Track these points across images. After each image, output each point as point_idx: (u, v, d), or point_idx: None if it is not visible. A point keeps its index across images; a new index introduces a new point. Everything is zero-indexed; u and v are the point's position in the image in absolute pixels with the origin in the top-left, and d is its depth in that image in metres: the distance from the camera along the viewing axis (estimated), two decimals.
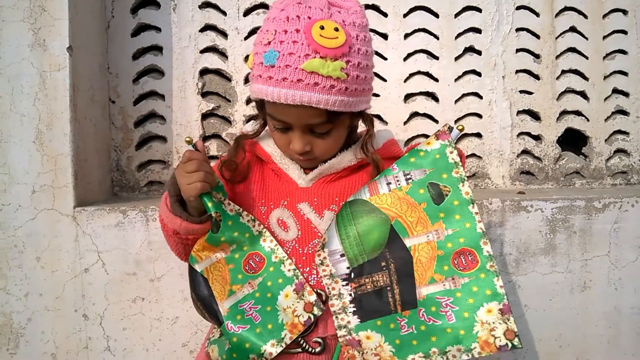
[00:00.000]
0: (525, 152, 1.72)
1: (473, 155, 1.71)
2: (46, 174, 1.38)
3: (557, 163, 1.73)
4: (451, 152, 0.91)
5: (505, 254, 1.45)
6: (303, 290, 0.93)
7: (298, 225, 0.97)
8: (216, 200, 0.92)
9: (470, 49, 1.68)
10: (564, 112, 1.72)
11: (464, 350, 0.85)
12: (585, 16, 1.70)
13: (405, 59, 1.67)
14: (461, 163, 0.91)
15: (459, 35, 1.67)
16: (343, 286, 0.91)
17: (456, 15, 1.67)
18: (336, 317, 0.91)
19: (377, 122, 1.59)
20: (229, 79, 1.65)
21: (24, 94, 1.37)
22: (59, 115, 1.37)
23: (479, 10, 1.67)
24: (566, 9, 1.69)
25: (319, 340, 0.93)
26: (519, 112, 1.70)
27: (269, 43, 0.86)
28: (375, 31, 1.65)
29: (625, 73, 1.72)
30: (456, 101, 1.69)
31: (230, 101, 1.66)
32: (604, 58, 1.72)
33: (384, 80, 1.67)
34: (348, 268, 0.91)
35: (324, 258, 0.92)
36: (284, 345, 0.91)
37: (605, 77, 1.72)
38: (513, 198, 1.47)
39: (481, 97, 1.69)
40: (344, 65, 0.85)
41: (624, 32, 1.71)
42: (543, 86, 1.70)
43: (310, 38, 0.83)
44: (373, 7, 1.65)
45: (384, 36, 1.67)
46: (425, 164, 0.91)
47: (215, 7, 1.64)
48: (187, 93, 1.64)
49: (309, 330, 0.93)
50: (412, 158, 0.92)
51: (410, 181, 0.91)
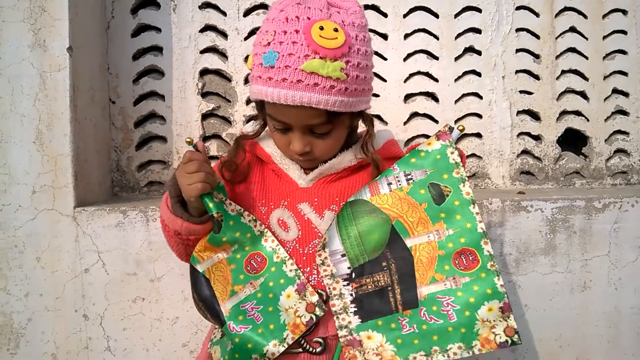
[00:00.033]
0: (525, 152, 1.72)
1: (473, 155, 1.71)
2: (46, 174, 1.38)
3: (557, 163, 1.73)
4: (452, 153, 0.91)
5: (505, 254, 1.46)
6: (305, 290, 0.93)
7: (298, 225, 0.97)
8: (217, 200, 0.92)
9: (470, 49, 1.68)
10: (564, 112, 1.72)
11: (465, 347, 0.86)
12: (585, 16, 1.70)
13: (405, 59, 1.67)
14: (462, 163, 0.91)
15: (459, 35, 1.67)
16: (344, 286, 0.91)
17: (456, 15, 1.67)
18: (337, 317, 0.91)
19: (377, 122, 1.59)
20: (229, 79, 1.65)
21: (24, 95, 1.37)
22: (59, 115, 1.37)
23: (479, 10, 1.67)
24: (566, 9, 1.69)
25: (320, 340, 0.93)
26: (519, 112, 1.70)
27: (269, 44, 0.86)
28: (375, 31, 1.65)
29: (625, 73, 1.72)
30: (456, 101, 1.69)
31: (230, 101, 1.66)
32: (604, 58, 1.72)
33: (384, 80, 1.67)
34: (349, 268, 0.91)
35: (325, 258, 0.92)
36: (286, 345, 0.91)
37: (605, 77, 1.72)
38: (513, 198, 1.47)
39: (481, 97, 1.69)
40: (344, 65, 0.85)
41: (624, 32, 1.71)
42: (543, 86, 1.70)
43: (309, 39, 0.83)
44: (373, 7, 1.65)
45: (384, 36, 1.67)
46: (426, 165, 0.91)
47: (215, 8, 1.64)
48: (187, 93, 1.64)
49: (310, 330, 0.93)
50: (413, 158, 0.92)
51: (411, 181, 0.91)
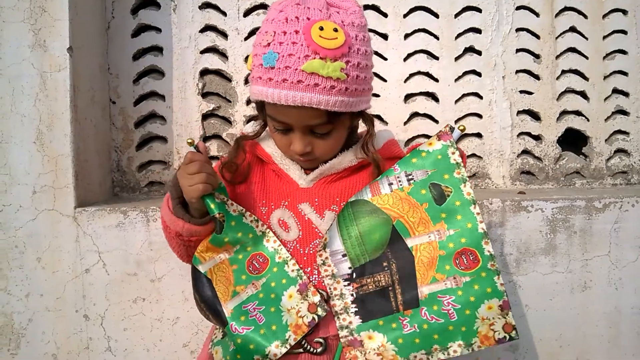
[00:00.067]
0: (525, 152, 1.72)
1: (473, 155, 1.71)
2: (47, 175, 1.38)
3: (558, 163, 1.73)
4: (453, 153, 0.91)
5: (505, 254, 1.46)
6: (307, 290, 0.93)
7: (299, 225, 0.97)
8: (219, 201, 0.92)
9: (470, 49, 1.68)
10: (564, 112, 1.72)
11: (465, 345, 0.86)
12: (585, 16, 1.70)
13: (405, 59, 1.67)
14: (463, 164, 0.91)
15: (459, 35, 1.67)
16: (345, 286, 0.91)
17: (456, 15, 1.67)
18: (338, 318, 0.91)
19: (377, 122, 1.59)
20: (229, 80, 1.65)
21: (25, 95, 1.37)
22: (60, 115, 1.37)
23: (479, 10, 1.67)
24: (566, 9, 1.69)
25: (321, 340, 0.93)
26: (519, 112, 1.70)
27: (269, 44, 0.86)
28: (375, 31, 1.65)
29: (625, 73, 1.72)
30: (456, 101, 1.69)
31: (230, 102, 1.66)
32: (604, 58, 1.72)
33: (384, 80, 1.67)
34: (350, 268, 0.91)
35: (326, 258, 0.92)
36: (288, 346, 0.91)
37: (605, 77, 1.72)
38: (513, 198, 1.47)
39: (481, 97, 1.69)
40: (344, 65, 0.85)
41: (624, 32, 1.71)
42: (543, 86, 1.70)
43: (309, 39, 0.83)
44: (373, 7, 1.65)
45: (384, 36, 1.67)
46: (427, 165, 0.91)
47: (215, 8, 1.64)
48: (188, 93, 1.64)
49: (311, 330, 0.93)
50: (414, 159, 0.92)
51: (412, 182, 0.91)
